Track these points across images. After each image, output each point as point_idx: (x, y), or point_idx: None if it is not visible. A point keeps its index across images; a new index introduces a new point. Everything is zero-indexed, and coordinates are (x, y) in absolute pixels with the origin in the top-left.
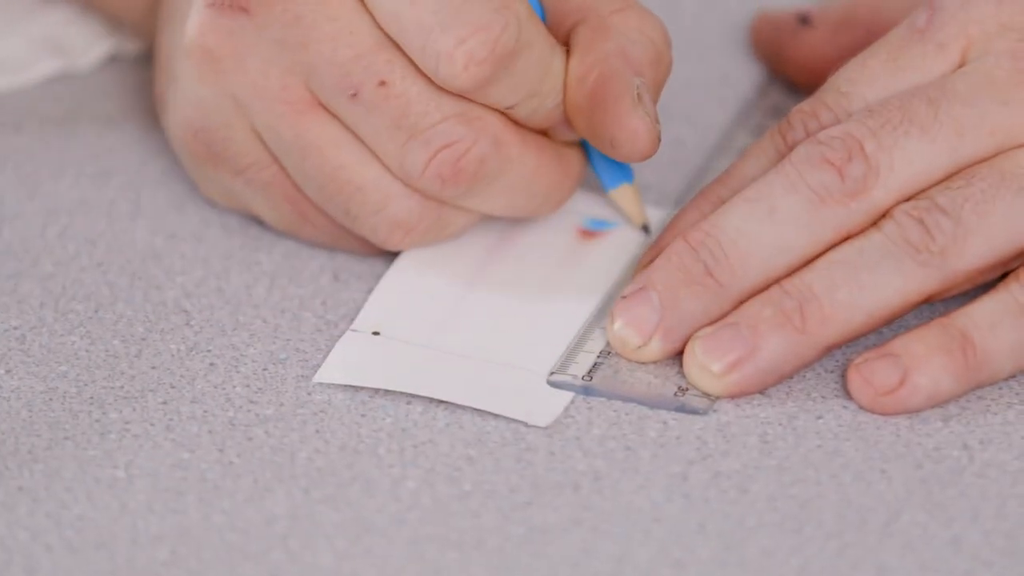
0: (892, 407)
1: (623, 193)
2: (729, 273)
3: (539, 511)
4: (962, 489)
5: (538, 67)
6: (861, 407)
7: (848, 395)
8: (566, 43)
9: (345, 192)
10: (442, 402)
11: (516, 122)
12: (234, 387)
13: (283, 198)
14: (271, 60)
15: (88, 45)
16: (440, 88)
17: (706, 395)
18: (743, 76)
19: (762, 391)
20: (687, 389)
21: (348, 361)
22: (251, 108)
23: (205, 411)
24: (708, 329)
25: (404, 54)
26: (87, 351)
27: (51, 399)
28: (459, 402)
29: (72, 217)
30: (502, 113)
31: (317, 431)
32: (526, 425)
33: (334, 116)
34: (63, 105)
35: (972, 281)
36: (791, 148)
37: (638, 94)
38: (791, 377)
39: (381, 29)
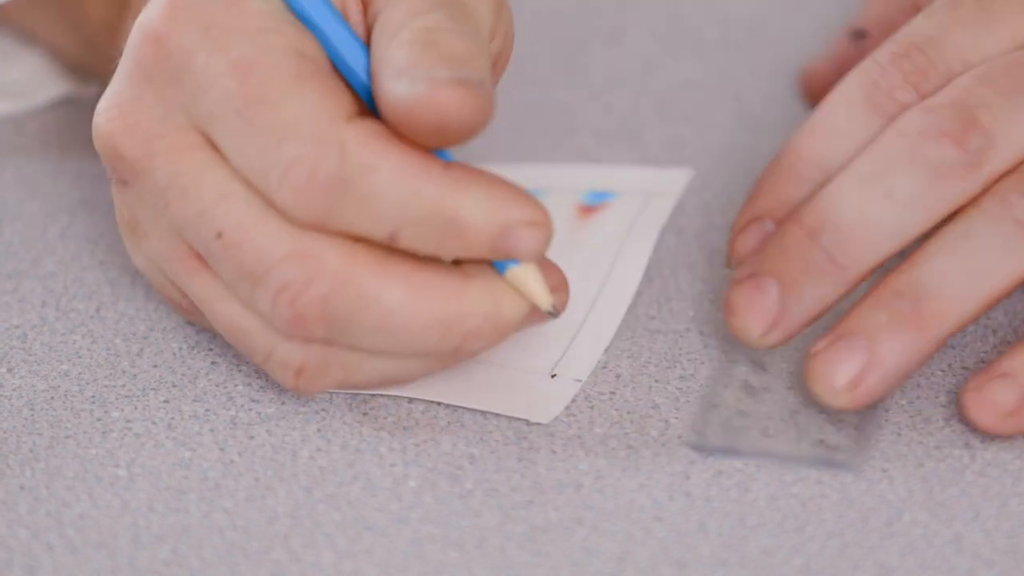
0: (1015, 427)
1: (517, 274)
2: (851, 259)
3: (541, 510)
4: (964, 488)
5: (391, 191)
6: (983, 430)
7: (964, 418)
8: None
9: (238, 340)
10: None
11: (393, 252)
12: (236, 386)
13: None
14: (156, 224)
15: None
16: (278, 231)
17: (851, 448)
18: (743, 76)
19: (877, 399)
20: (833, 445)
21: None
22: (164, 270)
23: (207, 410)
24: (822, 343)
25: (243, 202)
26: (89, 350)
27: (53, 398)
28: (461, 404)
29: (73, 216)
30: (360, 244)
31: (318, 430)
32: (528, 424)
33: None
34: (57, 103)
35: None
36: (894, 103)
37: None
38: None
39: (223, 180)
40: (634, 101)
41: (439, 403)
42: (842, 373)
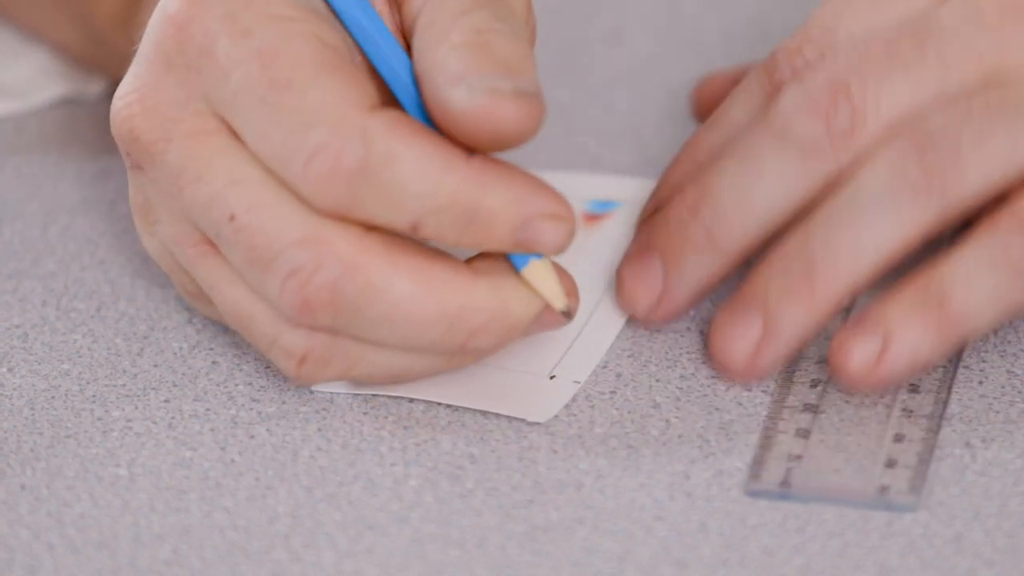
0: (877, 379)
1: (534, 271)
2: (728, 234)
3: (541, 509)
4: (964, 488)
5: (412, 179)
6: (848, 387)
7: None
8: None
9: (244, 326)
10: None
11: (408, 242)
12: (236, 385)
13: None
14: (168, 208)
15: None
16: (290, 216)
17: (907, 489)
18: None
19: (775, 366)
20: (889, 487)
21: None
22: (174, 254)
23: (207, 409)
24: (720, 316)
25: (257, 186)
26: (89, 349)
27: (53, 397)
28: (459, 404)
29: (73, 216)
30: (370, 232)
31: (319, 429)
32: (528, 424)
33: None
34: (57, 103)
35: (971, 211)
36: (777, 88)
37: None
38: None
39: (237, 165)
40: (634, 101)
41: (439, 403)
42: (743, 343)
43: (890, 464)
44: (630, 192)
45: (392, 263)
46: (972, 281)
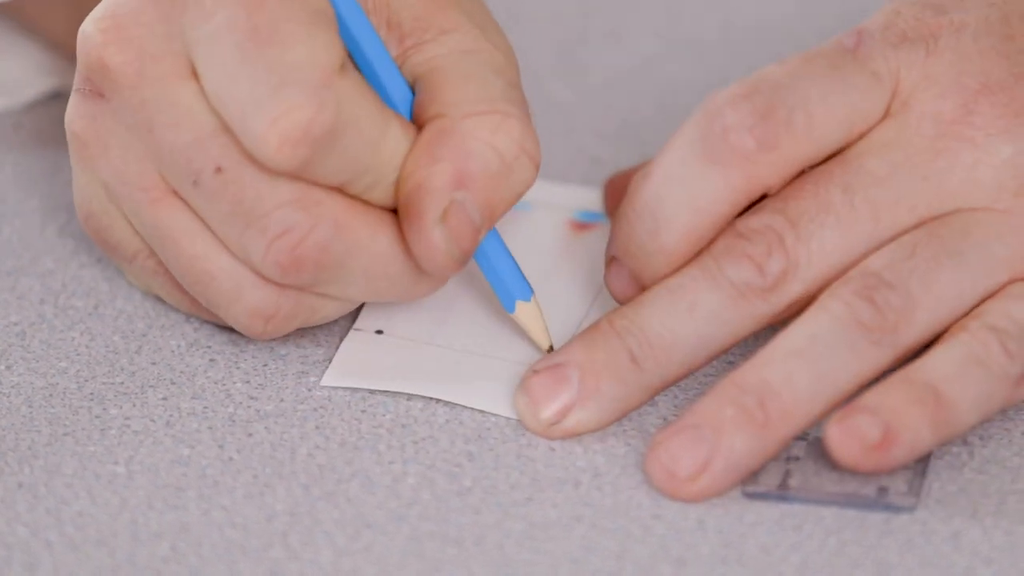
0: (877, 462)
1: (522, 312)
2: (653, 363)
3: (539, 507)
4: (962, 485)
5: (366, 144)
6: (844, 464)
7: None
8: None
9: (202, 282)
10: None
11: (365, 202)
12: (234, 383)
13: (172, 284)
14: (128, 146)
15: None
16: (276, 172)
17: (905, 490)
18: (742, 75)
19: (720, 491)
20: (888, 488)
21: (353, 363)
22: (118, 194)
23: (205, 407)
24: (667, 433)
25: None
26: (87, 347)
27: (51, 395)
28: (465, 404)
29: (71, 214)
30: (347, 194)
31: (317, 427)
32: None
33: (185, 204)
34: (54, 101)
35: (918, 350)
36: (723, 141)
37: (448, 210)
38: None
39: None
40: (634, 100)
41: (438, 400)
42: (687, 463)
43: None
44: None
45: (375, 222)
46: (960, 381)
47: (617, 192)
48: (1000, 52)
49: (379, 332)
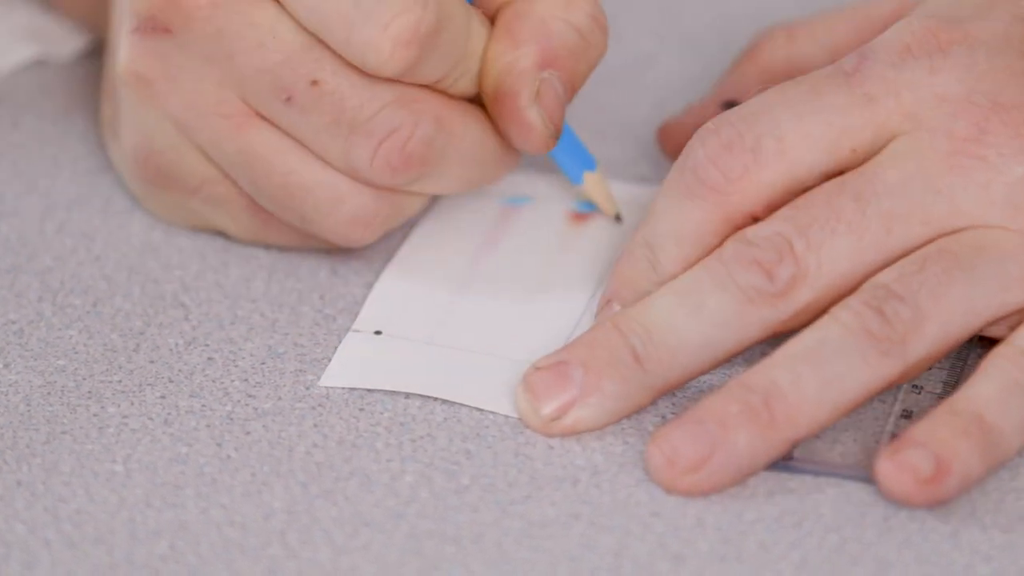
0: (931, 495)
1: (589, 182)
2: (656, 363)
3: (537, 505)
4: None
5: (459, 38)
6: (898, 498)
7: (882, 490)
8: (492, 19)
9: (297, 198)
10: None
11: (449, 94)
12: (232, 381)
13: (242, 209)
14: (202, 76)
15: (68, 34)
16: (372, 78)
17: None
18: None
19: (722, 487)
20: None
21: (353, 363)
22: (191, 127)
23: (203, 405)
24: (670, 426)
25: (331, 50)
26: (85, 345)
27: (49, 393)
28: (464, 402)
29: (69, 212)
30: (437, 89)
31: (315, 425)
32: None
33: (272, 124)
34: (52, 99)
35: (929, 365)
36: (697, 180)
37: (539, 90)
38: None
39: (304, 29)
40: (628, 97)
41: (436, 398)
42: (688, 457)
43: (895, 439)
44: (615, 195)
45: (465, 112)
46: (1005, 407)
47: (677, 138)
48: (1014, 71)
49: (378, 333)
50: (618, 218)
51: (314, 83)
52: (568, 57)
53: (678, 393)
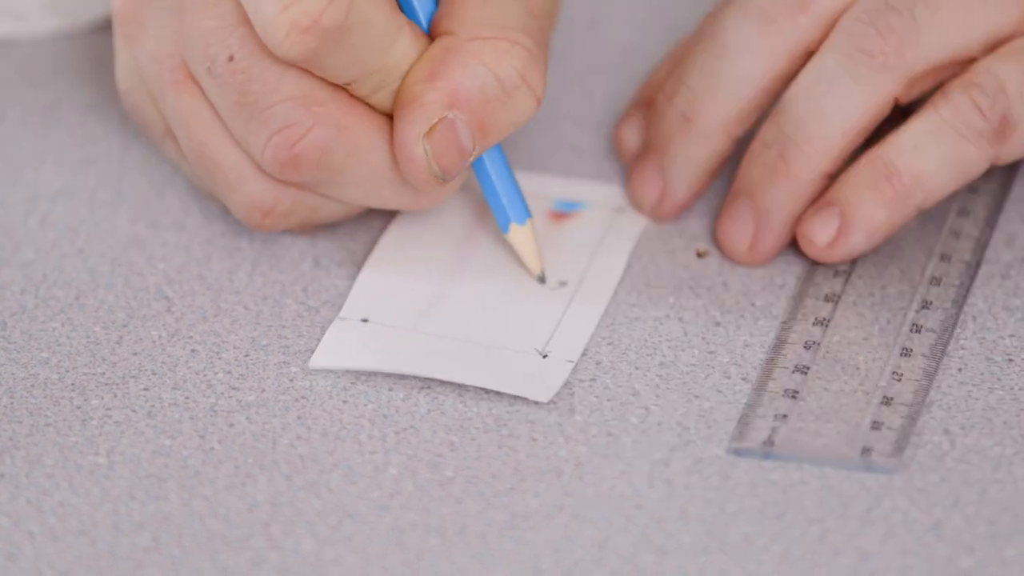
0: (837, 255)
1: (515, 235)
2: (703, 114)
3: (521, 497)
4: (943, 475)
5: (376, 45)
6: (817, 260)
7: None
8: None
9: (207, 168)
10: (424, 388)
11: (370, 107)
12: (216, 373)
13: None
14: (163, 27)
15: (42, 13)
16: (286, 68)
17: (892, 455)
18: None
19: (776, 249)
20: (872, 449)
21: (341, 346)
22: (145, 75)
23: (186, 397)
24: (724, 205)
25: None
26: (68, 338)
27: (32, 386)
28: (458, 381)
29: (53, 204)
30: (355, 98)
31: (299, 417)
32: (508, 411)
33: (201, 90)
34: (38, 90)
35: (935, 79)
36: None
37: (436, 127)
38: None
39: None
40: (613, 88)
41: (419, 391)
42: (740, 235)
43: (875, 426)
44: (596, 195)
45: (376, 128)
46: (920, 150)
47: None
48: None
49: (364, 321)
50: (541, 279)
51: (231, 58)
52: (480, 104)
53: (660, 384)
